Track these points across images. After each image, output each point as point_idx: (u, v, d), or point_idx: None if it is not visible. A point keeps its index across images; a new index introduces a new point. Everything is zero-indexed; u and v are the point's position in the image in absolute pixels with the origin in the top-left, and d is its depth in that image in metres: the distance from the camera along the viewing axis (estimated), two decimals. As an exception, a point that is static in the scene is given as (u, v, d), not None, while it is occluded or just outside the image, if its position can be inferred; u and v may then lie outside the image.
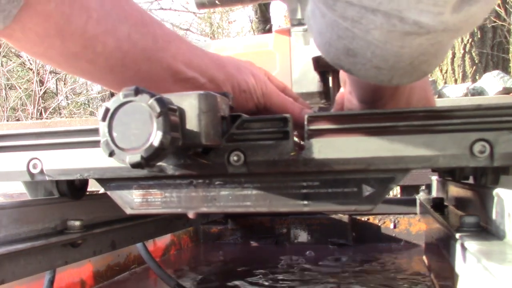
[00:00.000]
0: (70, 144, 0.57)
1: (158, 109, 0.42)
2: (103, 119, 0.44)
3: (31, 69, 6.63)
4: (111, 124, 0.44)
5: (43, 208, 0.67)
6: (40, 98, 6.56)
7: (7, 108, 6.41)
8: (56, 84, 7.71)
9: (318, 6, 0.42)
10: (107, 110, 0.44)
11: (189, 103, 0.46)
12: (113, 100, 0.44)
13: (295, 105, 0.64)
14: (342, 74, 0.65)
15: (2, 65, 6.52)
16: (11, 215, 0.62)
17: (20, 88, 6.65)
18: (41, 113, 6.55)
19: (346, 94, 0.64)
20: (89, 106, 8.36)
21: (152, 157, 0.43)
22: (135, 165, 0.43)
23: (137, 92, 0.44)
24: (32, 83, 6.55)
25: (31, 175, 0.59)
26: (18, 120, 6.43)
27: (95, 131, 0.56)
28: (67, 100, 7.95)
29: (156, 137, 0.42)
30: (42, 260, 0.64)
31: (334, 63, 0.47)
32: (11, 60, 7.00)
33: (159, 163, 0.53)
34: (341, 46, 0.44)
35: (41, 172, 0.58)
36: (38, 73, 6.52)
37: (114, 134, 0.44)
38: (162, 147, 0.42)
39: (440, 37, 0.39)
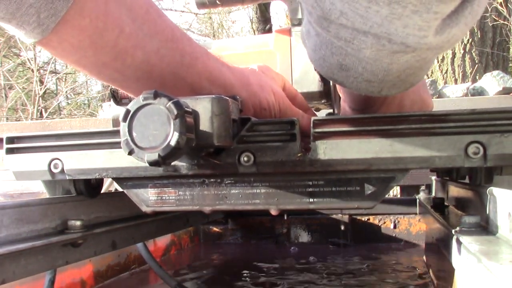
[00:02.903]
0: (89, 145, 0.60)
1: (175, 112, 0.45)
2: (124, 120, 0.47)
3: (31, 69, 6.64)
4: (131, 124, 0.47)
5: (44, 208, 0.68)
6: (40, 98, 6.56)
7: (6, 107, 6.41)
8: (56, 84, 7.71)
9: (313, 26, 0.45)
10: (127, 111, 0.47)
11: (203, 106, 0.49)
12: (134, 102, 0.47)
13: (305, 116, 0.67)
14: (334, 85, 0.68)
15: (2, 65, 6.52)
16: (12, 215, 0.62)
17: (20, 88, 6.65)
18: (41, 113, 6.55)
19: (342, 102, 0.68)
20: (88, 106, 8.36)
21: (168, 155, 0.46)
22: (153, 163, 0.46)
23: (156, 95, 0.46)
24: (32, 82, 6.55)
25: (52, 174, 0.61)
26: (18, 120, 6.43)
27: (113, 133, 0.59)
28: (67, 100, 7.95)
29: (173, 138, 0.45)
30: (42, 260, 0.64)
31: (328, 76, 0.51)
32: (10, 60, 7.00)
33: (174, 163, 0.55)
34: (334, 62, 0.47)
35: (62, 171, 0.61)
36: (38, 73, 6.52)
37: (134, 134, 0.47)
38: (178, 147, 0.45)
39: (424, 54, 0.43)
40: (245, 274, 1.31)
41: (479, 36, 4.01)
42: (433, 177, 1.27)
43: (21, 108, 6.83)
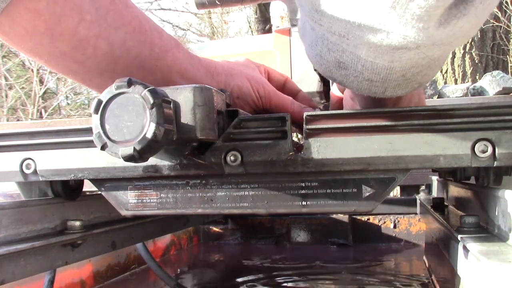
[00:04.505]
0: (64, 144, 0.56)
1: (151, 100, 0.42)
2: (96, 111, 0.44)
3: (31, 69, 6.64)
4: (104, 116, 0.43)
5: (43, 208, 0.67)
6: (40, 98, 6.56)
7: (6, 107, 6.42)
8: (57, 84, 7.71)
9: (307, 20, 0.42)
10: (99, 102, 0.44)
11: (184, 97, 0.45)
12: (106, 92, 0.44)
13: (295, 104, 0.64)
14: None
15: (2, 65, 6.52)
16: (11, 215, 0.62)
17: (20, 88, 6.65)
18: (41, 113, 6.55)
19: (347, 99, 0.63)
20: (88, 106, 8.35)
21: (145, 149, 0.42)
22: (127, 158, 0.43)
23: (130, 83, 0.43)
24: (32, 82, 6.56)
25: (24, 175, 0.58)
26: (18, 120, 6.43)
27: (89, 131, 0.54)
28: (67, 100, 7.96)
29: (149, 129, 0.42)
30: (42, 261, 0.64)
31: (326, 75, 0.47)
32: (10, 60, 7.00)
33: (155, 163, 0.52)
34: (332, 59, 0.43)
35: (35, 172, 0.57)
36: (38, 73, 6.52)
37: (107, 127, 0.43)
38: (155, 139, 0.42)
39: (429, 51, 0.38)
40: (245, 274, 1.30)
41: (479, 36, 4.01)
42: (433, 177, 1.26)
43: (21, 108, 6.83)
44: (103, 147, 0.43)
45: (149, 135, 0.42)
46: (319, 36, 0.42)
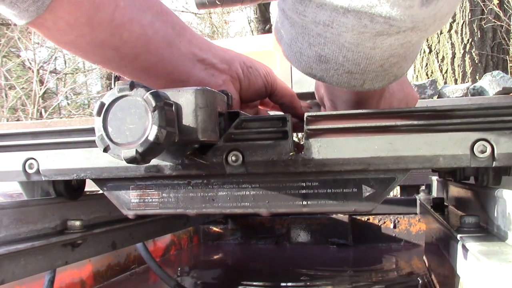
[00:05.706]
0: (66, 144, 0.57)
1: (153, 103, 0.42)
2: (99, 113, 0.44)
3: (31, 69, 6.64)
4: (106, 118, 0.44)
5: (43, 208, 0.67)
6: (40, 98, 6.57)
7: (6, 107, 6.42)
8: (56, 84, 7.72)
9: (288, 15, 0.43)
10: (102, 104, 0.44)
11: (185, 99, 0.46)
12: (109, 95, 0.44)
13: (294, 96, 0.69)
14: (320, 97, 0.66)
15: (2, 65, 6.52)
16: (11, 215, 0.62)
17: (20, 88, 6.66)
18: (41, 113, 6.55)
19: (326, 103, 0.64)
20: (88, 107, 8.36)
21: (147, 152, 0.43)
22: (130, 160, 0.43)
23: (132, 86, 0.43)
24: (32, 82, 6.56)
25: (27, 175, 0.58)
26: (18, 120, 6.44)
27: (92, 131, 0.54)
28: (67, 100, 7.96)
29: (151, 132, 0.42)
30: (42, 260, 0.64)
31: (306, 72, 0.48)
32: (10, 60, 7.00)
33: (157, 163, 0.52)
34: (312, 54, 0.44)
35: (37, 172, 0.58)
36: (38, 73, 6.52)
37: (109, 129, 0.44)
38: (157, 142, 0.42)
39: (409, 36, 0.40)
40: (245, 274, 1.30)
41: (479, 36, 4.01)
42: (433, 177, 1.27)
43: (21, 108, 6.83)
44: (105, 150, 0.44)
45: (151, 137, 0.42)
46: (299, 32, 0.44)
